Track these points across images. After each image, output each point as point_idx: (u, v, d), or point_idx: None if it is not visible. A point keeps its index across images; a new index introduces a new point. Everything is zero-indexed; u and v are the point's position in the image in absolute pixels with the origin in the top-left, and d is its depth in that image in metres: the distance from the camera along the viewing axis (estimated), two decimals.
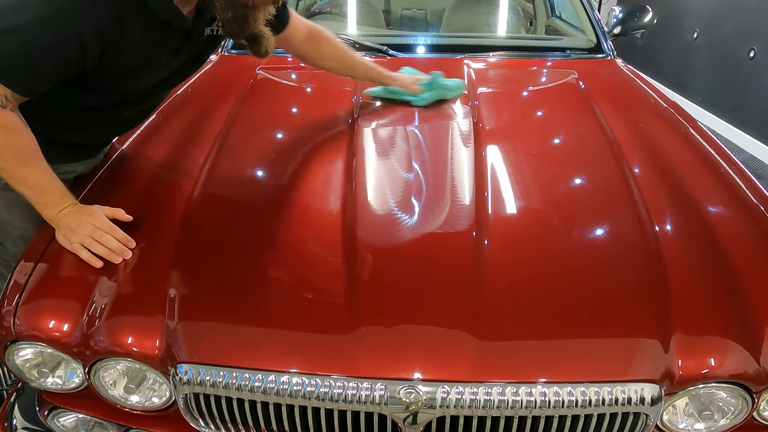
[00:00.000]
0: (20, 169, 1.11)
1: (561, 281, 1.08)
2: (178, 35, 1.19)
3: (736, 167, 1.42)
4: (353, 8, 2.52)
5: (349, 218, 1.20)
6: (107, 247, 1.11)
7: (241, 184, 1.37)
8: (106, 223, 1.14)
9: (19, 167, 1.10)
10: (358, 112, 1.63)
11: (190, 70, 1.36)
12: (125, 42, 1.09)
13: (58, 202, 1.14)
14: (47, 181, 1.14)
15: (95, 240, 1.11)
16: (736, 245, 1.16)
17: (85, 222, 1.12)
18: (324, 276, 1.09)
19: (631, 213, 1.24)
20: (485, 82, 1.89)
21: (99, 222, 1.13)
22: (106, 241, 1.11)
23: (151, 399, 1.06)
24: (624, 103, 1.77)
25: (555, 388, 0.93)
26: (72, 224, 1.12)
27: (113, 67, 1.12)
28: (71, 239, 1.12)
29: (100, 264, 1.10)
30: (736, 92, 4.35)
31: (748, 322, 1.01)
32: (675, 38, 5.21)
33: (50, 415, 1.15)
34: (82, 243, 1.11)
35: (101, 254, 1.10)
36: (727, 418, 1.00)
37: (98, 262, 1.10)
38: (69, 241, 1.12)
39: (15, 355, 1.05)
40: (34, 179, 1.12)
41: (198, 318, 1.04)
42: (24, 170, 1.11)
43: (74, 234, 1.11)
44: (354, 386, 0.93)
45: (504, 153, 1.46)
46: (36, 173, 1.12)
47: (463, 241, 1.15)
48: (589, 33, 2.24)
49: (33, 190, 1.13)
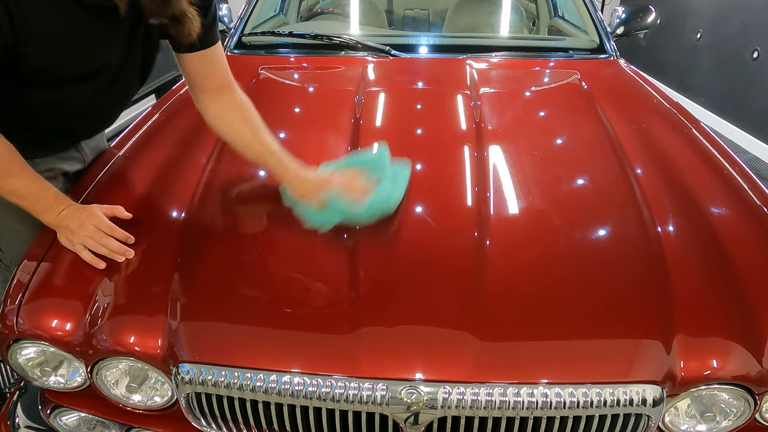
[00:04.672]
0: (8, 180, 1.10)
1: (563, 282, 1.08)
2: (103, 19, 1.11)
3: (739, 168, 1.42)
4: (356, 8, 2.52)
5: None
6: (108, 248, 1.11)
7: (244, 184, 1.37)
8: (105, 222, 1.14)
9: (6, 179, 1.10)
10: (360, 112, 1.63)
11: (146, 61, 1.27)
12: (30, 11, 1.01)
13: (54, 206, 1.14)
14: (38, 187, 1.14)
15: (96, 241, 1.11)
16: (738, 246, 1.15)
17: (84, 222, 1.12)
18: (326, 276, 1.09)
19: (633, 214, 1.24)
20: (488, 82, 1.88)
21: (98, 222, 1.13)
22: (106, 243, 1.12)
23: (153, 398, 1.06)
24: (627, 104, 1.77)
25: (556, 389, 0.93)
26: (72, 225, 1.12)
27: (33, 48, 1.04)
28: (73, 241, 1.12)
29: (103, 265, 1.10)
30: (739, 93, 4.34)
31: (750, 324, 1.01)
32: (678, 39, 5.20)
33: (53, 414, 1.15)
34: (83, 244, 1.11)
35: (87, 260, 1.10)
36: (729, 420, 1.00)
37: (101, 263, 1.10)
38: (71, 242, 1.12)
39: (18, 353, 1.05)
40: (24, 188, 1.12)
41: (200, 318, 1.04)
42: (12, 181, 1.11)
43: (75, 235, 1.12)
44: (355, 386, 0.93)
45: (506, 153, 1.46)
46: (25, 182, 1.12)
47: (464, 241, 1.15)
48: (592, 33, 2.23)
49: (26, 200, 1.13)
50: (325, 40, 2.12)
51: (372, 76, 1.91)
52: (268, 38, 2.24)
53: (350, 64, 2.02)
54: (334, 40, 2.10)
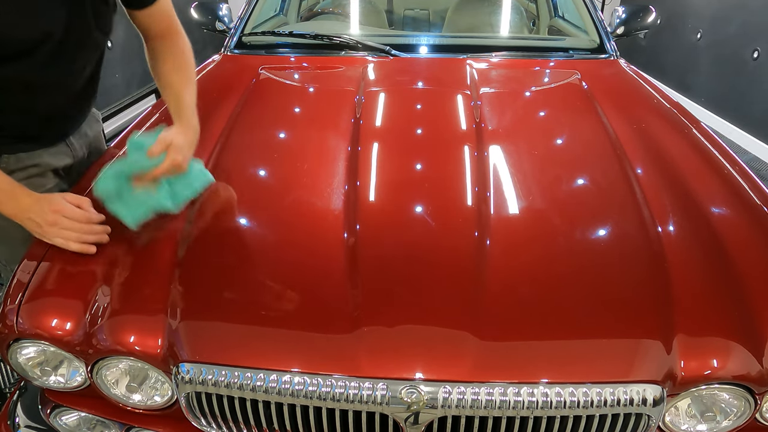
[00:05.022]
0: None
1: (563, 282, 1.08)
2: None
3: (739, 168, 1.42)
4: (356, 8, 2.52)
5: (352, 218, 1.20)
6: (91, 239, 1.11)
7: (244, 183, 1.37)
8: (77, 213, 1.12)
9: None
10: (360, 112, 1.63)
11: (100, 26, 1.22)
12: None
13: (10, 199, 1.11)
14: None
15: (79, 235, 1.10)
16: (739, 246, 1.15)
17: (56, 219, 1.10)
18: (326, 276, 1.09)
19: (633, 214, 1.24)
20: (488, 82, 1.88)
21: (70, 213, 1.11)
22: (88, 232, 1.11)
23: (153, 398, 1.06)
24: (627, 104, 1.77)
25: (557, 389, 0.93)
26: (37, 219, 1.10)
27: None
28: (46, 235, 1.10)
29: (93, 250, 1.11)
30: (739, 93, 4.34)
31: (751, 324, 1.01)
32: (678, 39, 5.20)
33: (53, 414, 1.15)
34: (66, 239, 1.10)
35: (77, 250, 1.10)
36: (729, 420, 1.00)
37: (92, 248, 1.11)
38: (46, 236, 1.11)
39: (18, 353, 1.05)
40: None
41: (200, 317, 1.04)
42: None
43: (46, 230, 1.10)
44: (355, 386, 0.93)
45: (506, 153, 1.46)
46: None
47: (465, 241, 1.15)
48: (592, 33, 2.23)
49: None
50: (325, 40, 2.12)
51: (372, 76, 1.92)
52: (268, 38, 2.24)
53: (350, 64, 2.02)
54: (335, 40, 2.10)
